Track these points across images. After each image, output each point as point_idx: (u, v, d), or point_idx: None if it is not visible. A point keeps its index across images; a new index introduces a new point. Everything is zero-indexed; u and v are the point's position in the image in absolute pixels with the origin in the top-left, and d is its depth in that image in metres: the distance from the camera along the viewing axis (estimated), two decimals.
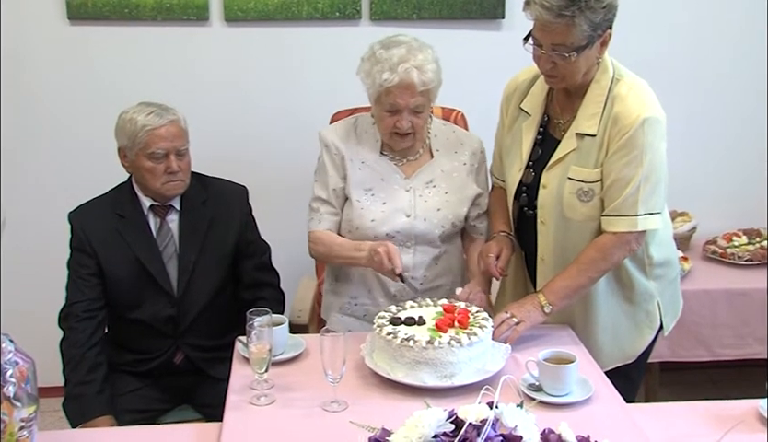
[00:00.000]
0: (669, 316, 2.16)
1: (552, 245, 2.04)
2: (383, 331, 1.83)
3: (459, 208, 2.17)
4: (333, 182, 2.15)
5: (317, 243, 2.14)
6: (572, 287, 1.98)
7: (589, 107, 1.97)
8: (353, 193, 2.13)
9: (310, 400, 1.74)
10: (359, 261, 2.05)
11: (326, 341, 1.69)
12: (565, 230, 2.02)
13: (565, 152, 1.99)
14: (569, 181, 1.98)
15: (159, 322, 2.18)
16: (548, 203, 2.02)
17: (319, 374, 1.73)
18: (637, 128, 1.90)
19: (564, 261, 2.02)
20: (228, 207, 2.25)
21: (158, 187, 2.13)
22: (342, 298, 2.23)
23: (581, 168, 1.97)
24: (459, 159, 2.19)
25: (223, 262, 2.23)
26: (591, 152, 1.96)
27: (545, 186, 2.02)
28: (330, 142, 2.16)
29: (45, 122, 2.98)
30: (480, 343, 1.80)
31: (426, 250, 2.15)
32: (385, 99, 2.04)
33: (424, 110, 2.08)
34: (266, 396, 1.77)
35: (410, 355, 1.76)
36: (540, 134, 2.08)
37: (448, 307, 1.93)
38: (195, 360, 2.23)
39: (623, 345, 2.10)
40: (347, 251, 2.07)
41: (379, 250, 1.95)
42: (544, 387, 1.73)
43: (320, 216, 2.15)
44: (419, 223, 2.12)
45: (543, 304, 1.98)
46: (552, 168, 2.02)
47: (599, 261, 1.97)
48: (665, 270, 2.12)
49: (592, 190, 1.96)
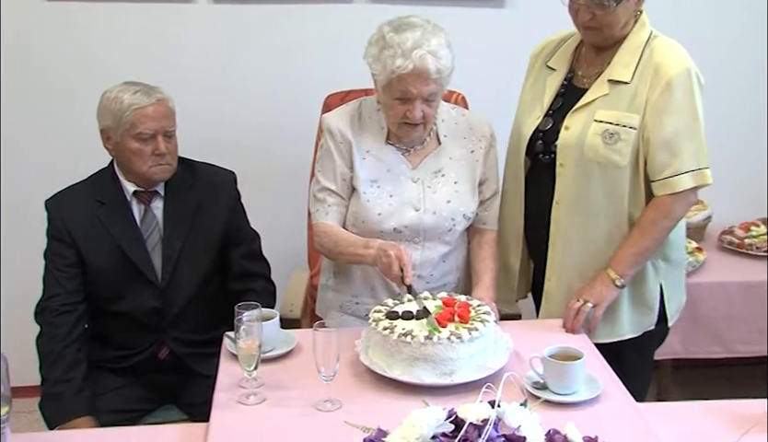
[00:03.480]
0: (674, 304, 2.18)
1: (570, 187, 2.07)
2: (379, 326, 1.82)
3: (469, 199, 2.16)
4: (341, 171, 2.11)
5: (323, 236, 2.10)
6: (638, 252, 2.03)
7: (624, 56, 2.03)
8: (359, 184, 2.10)
9: (302, 399, 1.74)
10: (365, 260, 2.00)
11: (319, 336, 1.68)
12: (585, 173, 2.05)
13: (594, 97, 2.05)
14: (595, 123, 2.03)
15: (143, 315, 2.18)
16: (569, 145, 2.06)
17: (311, 371, 1.73)
18: (684, 79, 1.97)
19: (581, 205, 2.06)
20: (216, 193, 2.25)
21: (145, 170, 2.12)
22: (342, 296, 2.22)
23: (610, 111, 2.02)
24: (468, 146, 2.18)
25: (210, 250, 2.23)
26: (623, 98, 2.02)
27: (568, 128, 2.07)
28: (335, 129, 2.12)
29: (21, 104, 2.96)
30: (481, 339, 1.80)
31: (435, 247, 2.13)
32: (396, 87, 2.00)
33: (437, 98, 2.06)
34: (255, 395, 1.76)
35: (407, 352, 1.76)
36: (563, 87, 2.15)
37: (448, 300, 1.93)
38: (181, 356, 2.22)
39: (615, 321, 2.11)
40: (354, 248, 2.03)
41: (390, 253, 1.90)
42: (549, 385, 1.73)
43: (328, 208, 2.11)
44: (428, 217, 2.10)
45: (614, 278, 2.03)
46: (577, 111, 2.07)
47: (661, 219, 2.03)
48: (673, 252, 2.15)
49: (618, 133, 2.00)
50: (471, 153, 2.19)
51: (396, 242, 2.00)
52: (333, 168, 2.12)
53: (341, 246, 2.06)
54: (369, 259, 1.98)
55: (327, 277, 2.27)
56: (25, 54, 2.92)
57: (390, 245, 1.95)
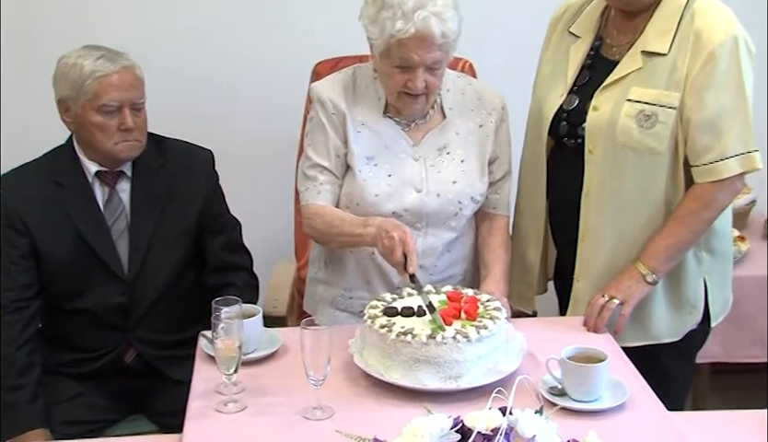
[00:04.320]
0: (718, 302, 2.17)
1: (601, 177, 2.06)
2: (376, 324, 1.82)
3: (478, 179, 2.15)
4: (334, 145, 2.11)
5: (314, 218, 2.09)
6: (675, 246, 2.02)
7: (660, 22, 2.01)
8: (354, 161, 2.10)
9: (289, 406, 1.74)
10: (364, 240, 1.99)
11: (307, 335, 1.68)
12: (617, 161, 2.04)
13: (626, 71, 2.03)
14: (628, 104, 2.01)
15: (107, 312, 2.18)
16: (598, 128, 2.04)
17: (299, 375, 1.73)
18: (730, 49, 1.95)
19: (613, 197, 2.05)
20: (190, 174, 2.25)
21: (109, 147, 2.12)
22: (333, 290, 2.22)
23: (645, 88, 2.00)
24: (476, 120, 2.18)
25: (184, 240, 2.23)
26: (660, 72, 2.00)
27: (596, 108, 2.05)
28: (326, 99, 2.12)
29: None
30: (491, 338, 1.79)
31: (439, 234, 2.14)
32: (396, 53, 2.00)
33: (441, 66, 2.05)
34: (235, 402, 1.76)
35: (407, 353, 1.76)
36: (589, 58, 2.13)
37: (453, 294, 1.92)
38: (150, 359, 2.22)
39: (649, 321, 2.11)
40: (350, 227, 2.02)
41: (393, 235, 1.89)
42: (568, 390, 1.73)
43: (320, 186, 2.11)
44: (431, 199, 2.11)
45: (645, 273, 2.02)
46: (607, 88, 2.05)
47: (701, 210, 2.01)
48: (719, 243, 2.14)
49: (655, 114, 1.99)
50: (480, 127, 2.18)
51: None
52: (325, 143, 2.12)
53: (335, 227, 2.05)
54: (368, 238, 1.97)
55: (317, 269, 2.28)
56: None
57: (393, 225, 1.94)
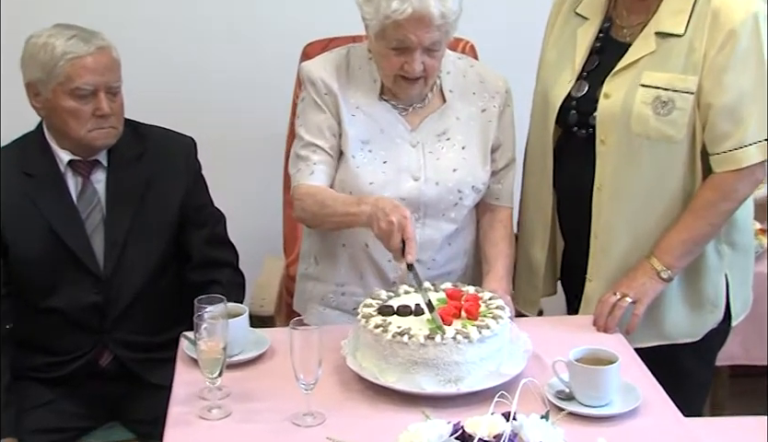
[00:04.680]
0: (740, 299, 2.17)
1: (614, 169, 2.06)
2: (370, 324, 1.82)
3: (479, 168, 2.16)
4: (329, 124, 2.11)
5: (306, 199, 2.07)
6: (691, 240, 2.02)
7: (675, 1, 2.02)
8: (348, 146, 2.10)
9: (277, 411, 1.73)
10: (358, 220, 1.97)
11: (297, 336, 1.68)
12: (632, 151, 2.04)
13: (639, 55, 2.03)
14: (642, 89, 2.02)
15: (80, 312, 2.17)
16: (611, 117, 2.04)
17: (288, 378, 1.72)
18: (750, 28, 1.95)
19: (628, 190, 2.06)
20: (171, 163, 2.25)
21: (83, 135, 2.12)
22: (324, 286, 2.22)
23: (660, 72, 2.01)
24: (479, 104, 2.18)
25: (164, 234, 2.23)
26: (676, 55, 2.00)
27: (608, 95, 2.06)
28: (317, 78, 2.12)
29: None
30: (493, 339, 1.79)
31: (438, 226, 2.14)
32: (392, 35, 2.00)
33: (440, 47, 2.05)
34: (220, 408, 1.76)
35: (404, 354, 1.76)
36: (598, 41, 2.13)
37: (453, 292, 1.92)
38: (127, 362, 2.22)
39: (665, 320, 2.12)
40: (344, 206, 2.01)
41: (392, 218, 1.87)
42: (577, 394, 1.73)
43: (313, 166, 2.09)
44: (430, 188, 2.11)
45: (659, 270, 2.02)
46: (618, 74, 2.05)
47: (720, 202, 2.02)
48: (740, 235, 2.15)
49: (672, 101, 1.99)
50: (483, 112, 2.18)
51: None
52: (319, 122, 2.11)
53: (328, 207, 2.04)
54: (363, 218, 1.95)
55: (307, 264, 2.28)
56: None
57: (392, 206, 1.91)
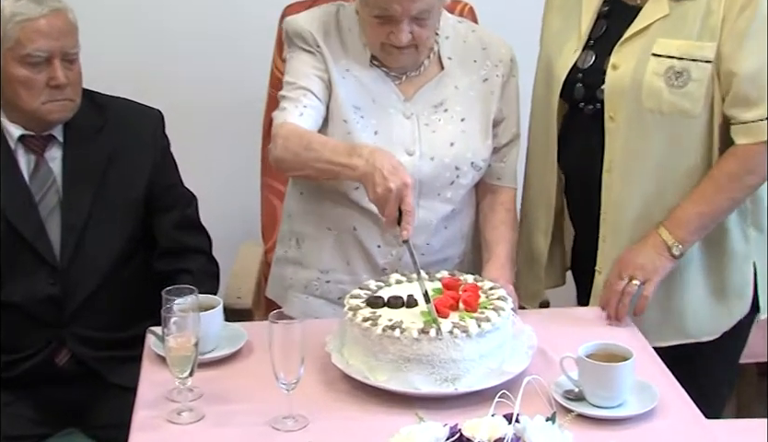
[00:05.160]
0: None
1: (625, 148, 2.07)
2: (358, 317, 1.82)
3: (480, 142, 2.16)
4: (319, 75, 2.09)
5: (289, 138, 2.02)
6: (709, 214, 2.01)
7: None
8: (339, 108, 2.09)
9: (255, 414, 1.73)
10: (349, 173, 1.94)
11: (277, 330, 1.68)
12: (643, 128, 2.04)
13: (651, 20, 2.04)
14: (654, 59, 2.02)
15: (35, 305, 2.17)
16: (620, 91, 2.05)
17: (267, 378, 1.72)
18: None
19: (641, 171, 2.06)
20: (135, 139, 2.25)
21: (36, 107, 2.11)
22: (307, 272, 2.22)
23: (674, 39, 2.01)
24: (480, 72, 2.19)
25: (128, 218, 2.23)
26: (691, 19, 2.01)
27: (616, 67, 2.06)
28: (304, 31, 2.11)
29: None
30: (494, 333, 1.79)
31: (433, 206, 2.15)
32: (374, 2, 2.00)
33: (431, 15, 2.05)
34: (191, 411, 1.76)
35: (396, 350, 1.76)
36: (606, 4, 2.13)
37: (450, 281, 1.92)
38: (87, 361, 2.21)
39: (685, 317, 2.13)
40: (333, 154, 1.95)
41: (390, 185, 1.83)
42: (587, 394, 1.73)
43: (303, 109, 2.06)
44: (425, 164, 2.11)
45: (671, 244, 2.00)
46: (628, 42, 2.06)
47: (744, 175, 2.01)
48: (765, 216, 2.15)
49: (687, 70, 1.99)
50: (485, 82, 2.18)
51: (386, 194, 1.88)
52: (311, 68, 2.09)
53: (314, 150, 1.99)
54: (355, 173, 1.91)
55: (287, 247, 2.27)
56: None
57: (391, 166, 1.88)
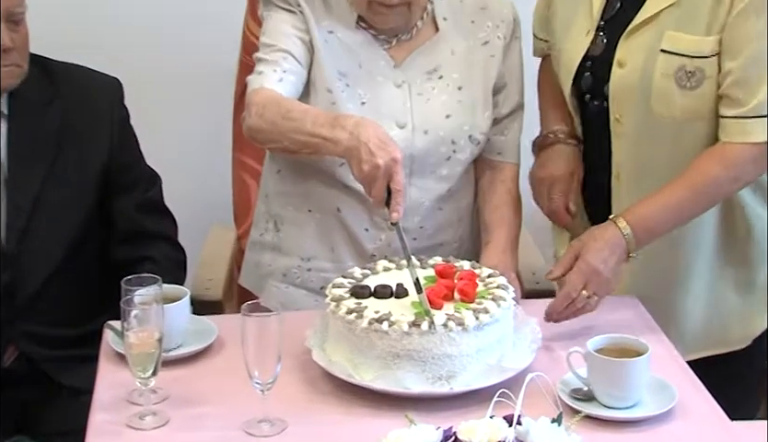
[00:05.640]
0: None
1: (634, 154, 2.08)
2: (341, 309, 1.81)
3: (479, 113, 2.17)
4: (302, 36, 2.10)
5: (267, 105, 2.02)
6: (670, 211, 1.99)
7: None
8: (322, 76, 2.09)
9: (226, 418, 1.73)
10: (332, 147, 1.93)
11: (251, 324, 1.67)
12: (654, 134, 2.06)
13: (659, 8, 2.03)
14: (663, 56, 2.02)
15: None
16: (628, 91, 2.06)
17: (240, 377, 1.72)
18: None
19: (651, 178, 2.06)
20: (91, 111, 2.24)
21: None
22: (285, 258, 2.23)
23: (684, 33, 2.01)
24: (479, 35, 2.19)
25: (83, 199, 2.23)
26: (702, 10, 2.00)
27: (622, 64, 2.07)
28: None
29: None
30: (494, 326, 1.79)
31: (426, 186, 2.15)
32: None
33: None
34: (155, 414, 1.75)
35: (384, 346, 1.75)
36: None
37: (444, 268, 1.91)
38: (37, 360, 2.22)
39: (720, 325, 2.15)
40: (314, 126, 1.95)
41: (378, 162, 1.84)
42: (597, 393, 1.73)
43: (282, 74, 2.06)
44: (418, 138, 2.12)
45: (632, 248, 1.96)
46: (635, 32, 2.06)
47: (722, 178, 1.99)
48: None
49: (701, 70, 2.00)
50: (484, 45, 2.18)
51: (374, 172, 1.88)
52: (291, 27, 2.10)
53: (293, 119, 1.98)
54: (339, 148, 1.91)
55: (263, 230, 2.27)
56: None
57: (379, 140, 1.87)
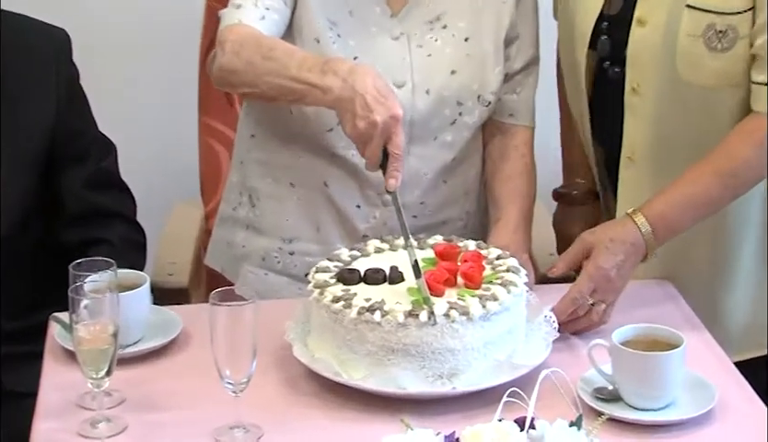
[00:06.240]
0: None
1: (652, 133, 2.10)
2: (326, 296, 1.80)
3: (489, 69, 2.18)
4: None
5: (246, 43, 2.02)
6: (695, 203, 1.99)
7: None
8: (310, 22, 2.11)
9: (193, 424, 1.73)
10: (322, 98, 1.93)
11: (221, 315, 1.65)
12: (677, 106, 2.07)
13: None
14: (689, 13, 2.02)
15: None
16: (647, 54, 2.07)
17: (208, 377, 1.71)
18: None
19: (671, 162, 2.07)
20: (32, 68, 2.26)
21: None
22: (264, 240, 2.25)
23: None
24: None
25: (25, 172, 2.25)
26: None
27: (642, 21, 2.07)
28: None
29: None
30: (503, 316, 1.78)
31: (428, 155, 2.18)
32: None
33: None
34: (109, 421, 1.74)
35: (376, 339, 1.74)
36: None
37: (446, 248, 1.91)
38: None
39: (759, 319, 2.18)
40: (300, 70, 1.95)
41: (376, 118, 1.84)
42: (623, 392, 1.73)
43: (264, 12, 2.06)
44: (419, 98, 2.14)
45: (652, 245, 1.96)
46: None
47: (754, 160, 1.99)
48: None
49: (733, 28, 2.00)
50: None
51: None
52: None
53: (275, 59, 1.98)
54: (327, 98, 1.91)
55: (235, 203, 2.29)
56: None
57: (377, 92, 1.87)
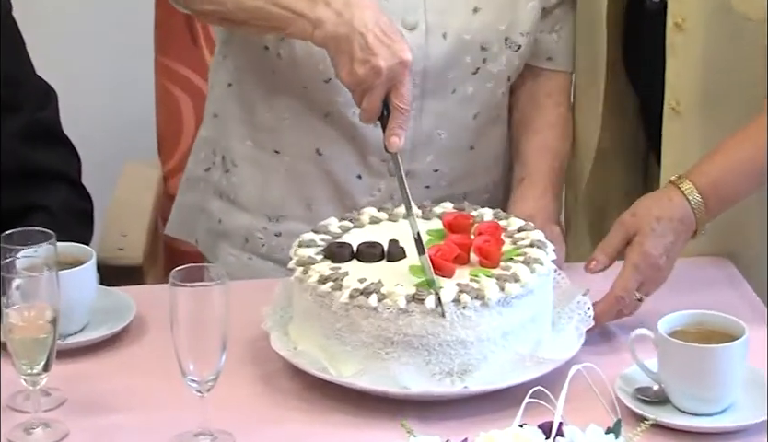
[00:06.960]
0: None
1: (700, 77, 2.11)
2: (311, 275, 1.79)
3: (520, 3, 2.21)
4: None
5: None
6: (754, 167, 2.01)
7: None
8: None
9: (150, 430, 1.72)
10: (311, 32, 1.96)
11: (183, 299, 1.64)
12: (730, 45, 2.09)
13: None
14: None
15: None
16: None
17: (168, 373, 1.70)
18: None
19: (726, 116, 2.08)
20: None
21: None
22: (245, 216, 2.29)
23: None
24: None
25: None
26: None
27: None
28: None
29: None
30: (526, 300, 1.78)
31: (444, 112, 2.21)
32: None
33: None
34: (47, 426, 1.73)
35: (371, 328, 1.73)
36: None
37: (457, 218, 1.90)
38: None
39: None
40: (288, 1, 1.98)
41: (379, 63, 1.88)
42: (671, 392, 1.72)
43: None
44: (434, 43, 2.16)
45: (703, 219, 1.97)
46: None
47: None
48: None
49: None
50: None
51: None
52: None
53: None
54: (321, 33, 1.93)
55: (208, 163, 2.33)
56: None
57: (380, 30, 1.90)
